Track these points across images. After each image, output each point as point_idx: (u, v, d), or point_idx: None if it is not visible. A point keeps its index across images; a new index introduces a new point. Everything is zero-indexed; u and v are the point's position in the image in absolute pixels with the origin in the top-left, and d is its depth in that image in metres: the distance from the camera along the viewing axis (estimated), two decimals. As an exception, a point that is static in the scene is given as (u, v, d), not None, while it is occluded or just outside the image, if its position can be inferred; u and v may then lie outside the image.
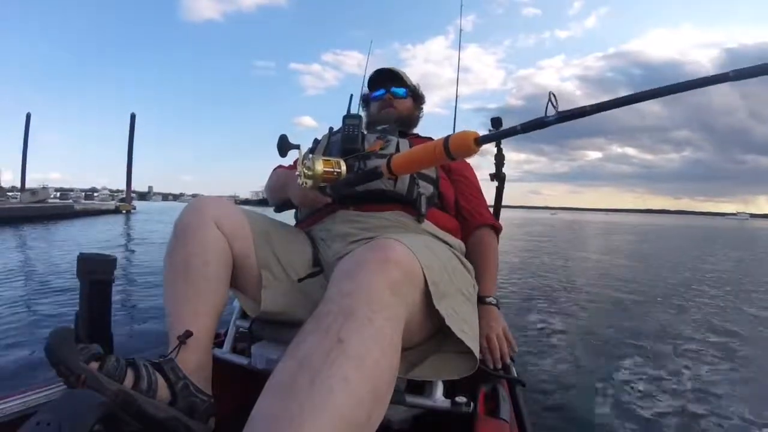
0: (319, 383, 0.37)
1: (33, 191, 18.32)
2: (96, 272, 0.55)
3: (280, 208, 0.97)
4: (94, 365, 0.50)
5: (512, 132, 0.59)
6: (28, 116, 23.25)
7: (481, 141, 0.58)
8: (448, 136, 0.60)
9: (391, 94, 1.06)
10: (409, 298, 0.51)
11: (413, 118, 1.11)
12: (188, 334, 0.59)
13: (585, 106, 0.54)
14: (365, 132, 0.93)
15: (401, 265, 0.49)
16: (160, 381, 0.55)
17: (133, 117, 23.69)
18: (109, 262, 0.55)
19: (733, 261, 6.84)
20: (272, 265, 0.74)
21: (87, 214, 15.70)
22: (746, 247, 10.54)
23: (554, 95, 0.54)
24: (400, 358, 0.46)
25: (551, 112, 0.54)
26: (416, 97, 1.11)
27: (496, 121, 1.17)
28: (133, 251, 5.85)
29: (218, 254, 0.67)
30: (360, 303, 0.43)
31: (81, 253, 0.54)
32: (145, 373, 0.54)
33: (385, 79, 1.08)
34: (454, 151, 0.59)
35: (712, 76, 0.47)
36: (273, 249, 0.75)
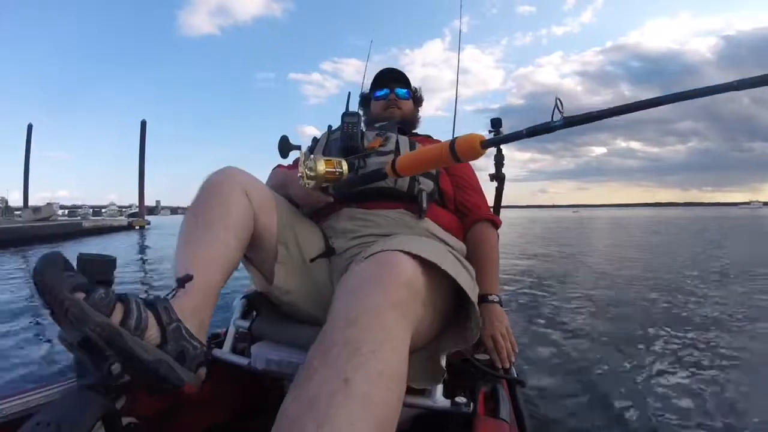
0: (327, 429, 0.38)
1: (36, 208, 16.77)
2: (95, 272, 0.55)
3: None
4: (80, 295, 0.46)
5: (517, 136, 0.59)
6: (30, 127, 22.52)
7: (486, 144, 0.59)
8: (455, 139, 0.61)
9: (395, 95, 1.08)
10: (416, 315, 0.51)
11: (414, 119, 1.13)
12: (188, 277, 0.55)
13: (592, 112, 0.53)
14: (364, 129, 0.94)
15: (408, 282, 0.50)
16: (151, 320, 0.50)
17: (143, 124, 22.59)
18: (109, 262, 0.55)
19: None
20: (289, 243, 0.76)
21: (97, 232, 14.42)
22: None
23: (560, 100, 0.53)
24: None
25: (557, 116, 0.54)
26: (416, 99, 1.14)
27: (496, 122, 1.18)
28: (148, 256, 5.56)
29: (241, 217, 0.66)
30: (365, 335, 0.44)
31: (80, 253, 0.54)
32: (135, 309, 0.49)
33: (389, 80, 1.09)
34: (461, 153, 0.59)
35: (717, 85, 0.46)
36: (294, 228, 0.77)
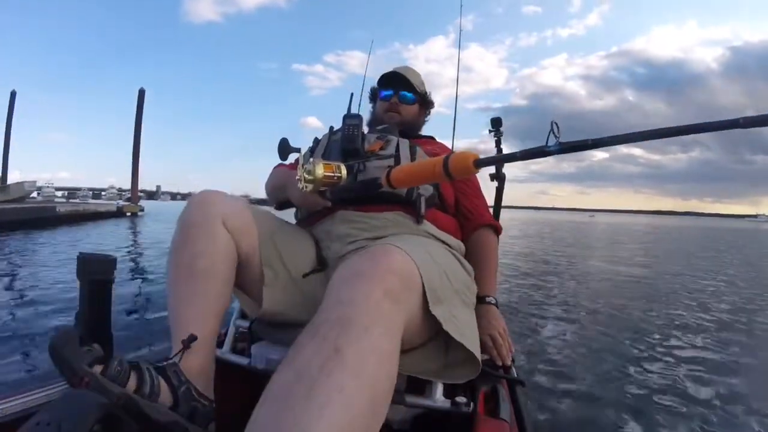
0: (315, 395, 0.37)
1: (2, 187, 14.40)
2: (96, 272, 0.55)
3: (280, 207, 0.98)
4: (98, 368, 0.51)
5: (511, 158, 0.61)
6: (13, 95, 19.76)
7: (479, 164, 0.59)
8: (448, 156, 0.61)
9: (397, 98, 1.05)
10: (408, 305, 0.51)
11: (417, 124, 1.10)
12: (192, 338, 0.59)
13: (587, 140, 0.54)
14: (365, 132, 0.94)
15: (399, 272, 0.49)
16: (163, 385, 0.56)
17: (141, 93, 19.33)
18: (109, 262, 0.55)
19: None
20: (275, 263, 0.74)
21: (75, 219, 11.33)
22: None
23: (557, 124, 0.53)
24: (403, 358, 0.47)
25: (552, 141, 0.54)
26: (424, 103, 1.11)
27: (495, 121, 1.17)
28: (140, 254, 5.52)
29: (225, 254, 0.67)
30: (357, 313, 0.43)
31: (81, 253, 0.54)
32: (148, 377, 0.54)
33: (396, 82, 1.06)
34: (454, 171, 0.60)
35: (720, 121, 0.47)
36: (277, 247, 0.75)
